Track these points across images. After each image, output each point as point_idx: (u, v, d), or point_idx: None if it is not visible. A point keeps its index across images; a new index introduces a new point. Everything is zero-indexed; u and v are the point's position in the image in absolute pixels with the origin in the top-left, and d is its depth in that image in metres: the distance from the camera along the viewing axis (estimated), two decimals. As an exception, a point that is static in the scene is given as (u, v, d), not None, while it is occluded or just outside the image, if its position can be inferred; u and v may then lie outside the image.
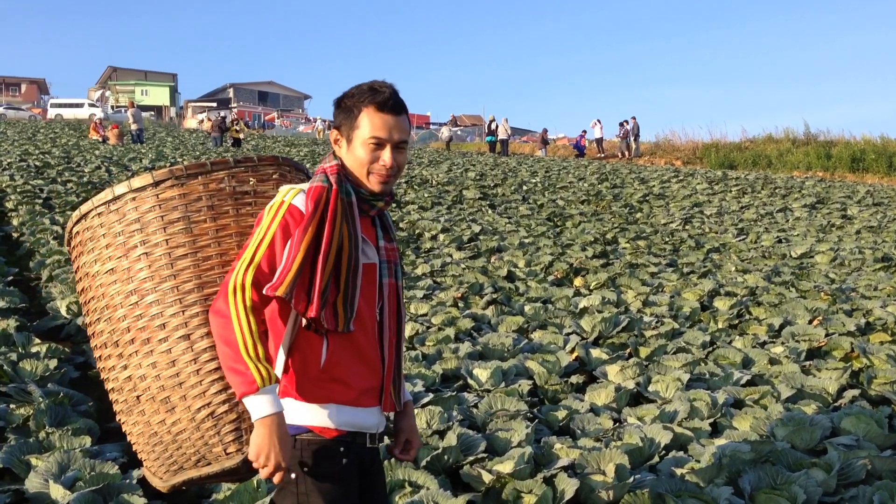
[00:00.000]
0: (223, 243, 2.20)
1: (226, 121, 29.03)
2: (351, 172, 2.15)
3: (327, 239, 2.03)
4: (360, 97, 2.12)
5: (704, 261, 10.87)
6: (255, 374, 1.93)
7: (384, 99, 2.11)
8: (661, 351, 6.09)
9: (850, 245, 12.20)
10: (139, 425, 2.23)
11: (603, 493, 3.70)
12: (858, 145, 29.23)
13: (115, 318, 2.21)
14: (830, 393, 5.13)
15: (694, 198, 17.70)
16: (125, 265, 2.19)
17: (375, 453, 2.24)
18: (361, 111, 2.12)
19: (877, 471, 3.95)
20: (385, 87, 2.13)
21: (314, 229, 2.03)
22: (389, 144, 2.12)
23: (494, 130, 33.18)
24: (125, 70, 71.83)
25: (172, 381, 2.13)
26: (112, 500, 3.42)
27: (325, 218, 2.05)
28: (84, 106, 48.75)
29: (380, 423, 2.20)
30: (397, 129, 2.13)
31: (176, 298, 2.14)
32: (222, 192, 2.22)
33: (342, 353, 2.09)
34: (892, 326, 6.94)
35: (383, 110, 2.11)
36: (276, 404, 1.96)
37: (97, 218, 2.24)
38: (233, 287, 2.00)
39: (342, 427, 2.09)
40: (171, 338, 2.14)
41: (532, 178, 19.63)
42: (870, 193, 19.51)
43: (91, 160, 17.29)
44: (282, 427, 1.96)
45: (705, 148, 31.91)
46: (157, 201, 2.19)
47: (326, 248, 2.03)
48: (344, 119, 2.15)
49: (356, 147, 2.13)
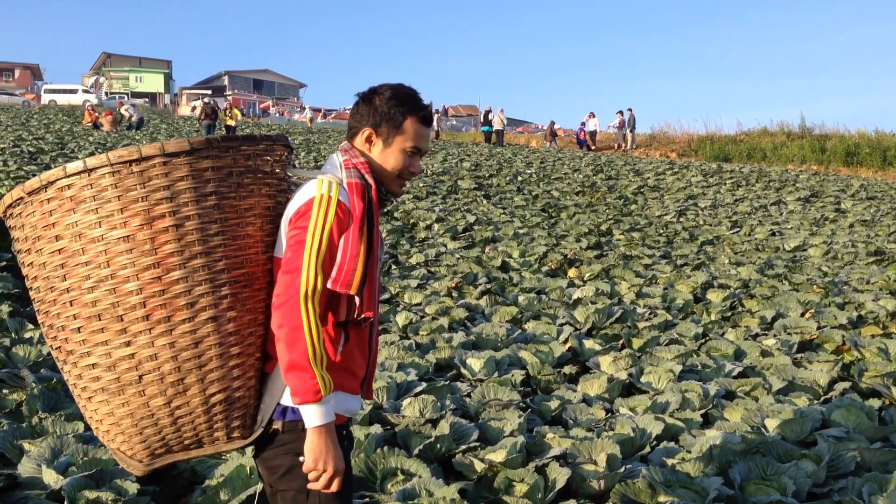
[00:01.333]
0: (250, 224, 2.12)
1: (216, 107, 28.78)
2: (376, 171, 2.20)
3: (377, 238, 2.13)
4: (406, 106, 2.19)
5: (698, 253, 10.90)
6: (320, 384, 1.98)
7: (429, 114, 2.24)
8: (654, 342, 6.11)
9: (843, 238, 12.24)
10: (129, 406, 2.08)
11: (594, 483, 3.73)
12: (853, 139, 29.30)
13: (124, 290, 2.01)
14: (821, 385, 5.17)
15: (688, 190, 17.73)
16: (145, 235, 1.99)
17: None
18: (407, 118, 2.20)
19: (866, 462, 3.98)
20: (423, 99, 2.25)
21: (368, 225, 2.09)
22: (420, 154, 2.25)
23: (490, 121, 33.13)
24: (119, 56, 71.45)
25: (192, 363, 2.04)
26: (105, 485, 3.43)
27: (373, 216, 2.12)
28: (78, 92, 48.47)
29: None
30: (428, 141, 2.29)
31: (207, 278, 2.03)
32: (249, 169, 2.14)
33: (353, 343, 2.16)
34: (884, 320, 6.97)
35: (424, 122, 2.23)
36: (332, 413, 2.04)
37: (109, 177, 1.99)
38: (304, 293, 1.99)
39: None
40: (197, 318, 2.02)
41: (527, 169, 19.62)
42: (864, 187, 19.56)
43: (85, 146, 17.22)
44: (334, 434, 2.04)
45: (700, 140, 31.94)
46: (190, 170, 2.02)
47: (376, 248, 2.13)
48: (384, 122, 2.19)
49: (394, 151, 2.21)
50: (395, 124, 2.19)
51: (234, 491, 3.50)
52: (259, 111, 55.71)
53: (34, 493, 3.45)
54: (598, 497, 3.70)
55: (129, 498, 3.33)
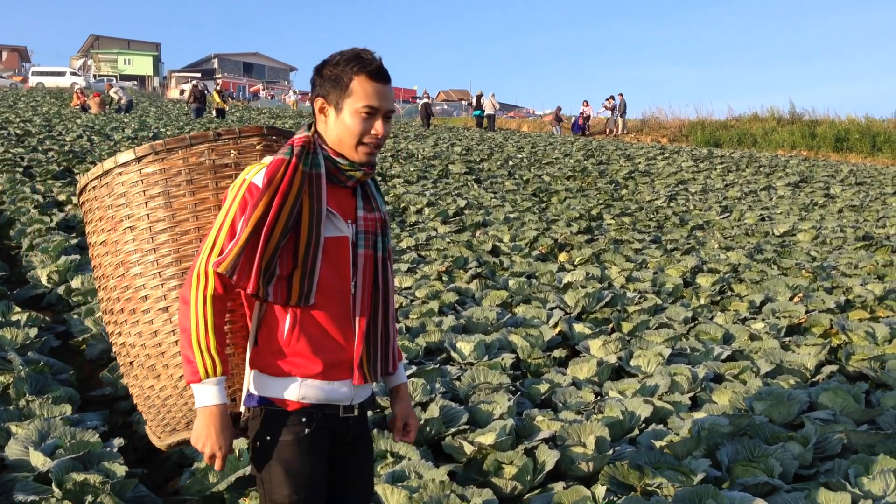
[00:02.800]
0: (201, 217, 2.24)
1: (206, 90, 28.54)
2: (334, 142, 2.09)
3: (273, 213, 2.00)
4: (348, 65, 2.06)
5: (688, 238, 10.92)
6: (199, 365, 1.99)
7: (376, 68, 2.06)
8: (644, 326, 6.13)
9: (832, 223, 12.28)
10: (135, 388, 2.36)
11: (583, 465, 3.74)
12: (843, 125, 29.37)
13: (108, 287, 2.32)
14: (809, 368, 5.19)
15: (679, 175, 17.74)
16: (114, 238, 2.28)
17: (355, 423, 2.21)
18: (352, 79, 2.06)
19: (853, 445, 4.01)
20: (372, 54, 2.09)
21: (265, 204, 2.00)
22: (381, 113, 2.08)
23: (482, 105, 33.02)
24: (108, 39, 70.84)
25: (155, 350, 2.25)
26: (93, 468, 3.42)
27: (277, 192, 2.01)
28: (66, 74, 48.07)
29: (354, 394, 2.17)
30: (387, 98, 2.09)
31: (156, 272, 2.24)
32: (202, 166, 2.24)
33: (307, 326, 2.08)
34: (872, 304, 7.01)
35: (375, 79, 2.06)
36: (217, 396, 2.01)
37: (92, 191, 2.33)
38: (196, 274, 2.03)
39: (305, 400, 2.09)
40: (152, 309, 2.24)
41: (518, 154, 19.59)
42: (853, 173, 19.63)
43: (73, 129, 17.09)
44: (220, 418, 2.01)
45: (691, 126, 31.96)
46: (139, 176, 2.24)
47: (271, 223, 2.00)
48: (332, 88, 2.07)
49: (346, 116, 2.07)
50: (342, 87, 2.06)
51: (223, 473, 3.49)
52: (249, 94, 55.36)
53: (21, 476, 3.44)
54: (586, 479, 3.71)
55: (117, 480, 3.32)
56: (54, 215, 8.49)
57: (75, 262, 6.57)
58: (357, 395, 2.20)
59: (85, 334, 5.36)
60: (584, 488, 3.43)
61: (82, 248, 7.43)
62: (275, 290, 2.03)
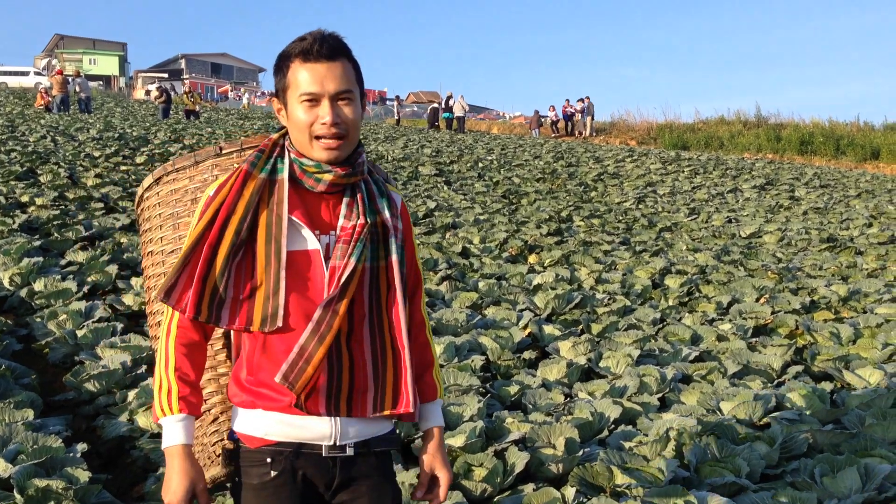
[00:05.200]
0: None
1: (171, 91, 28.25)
2: (296, 142, 1.85)
3: (216, 227, 1.78)
4: (286, 53, 1.82)
5: (657, 239, 11.01)
6: (155, 402, 1.82)
7: (307, 46, 1.78)
8: (613, 327, 6.16)
9: (797, 225, 12.46)
10: None
11: (553, 466, 3.74)
12: (807, 128, 29.89)
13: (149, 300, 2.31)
14: (775, 369, 5.25)
15: (647, 177, 17.89)
16: (142, 252, 2.33)
17: (352, 464, 1.87)
18: (289, 67, 1.81)
19: (818, 444, 4.06)
20: (312, 33, 1.81)
21: (208, 218, 1.80)
22: (326, 97, 1.79)
23: (451, 107, 33.03)
24: (73, 38, 69.73)
25: None
26: (55, 474, 3.35)
27: (223, 204, 1.80)
28: (30, 74, 47.25)
29: (340, 431, 1.84)
30: (331, 79, 1.78)
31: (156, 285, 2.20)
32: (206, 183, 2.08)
33: (273, 352, 1.81)
34: (836, 305, 7.12)
35: (309, 59, 1.78)
36: (176, 436, 1.79)
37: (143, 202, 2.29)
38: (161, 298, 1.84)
39: (271, 437, 1.83)
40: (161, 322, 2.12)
41: (488, 156, 19.62)
42: (817, 175, 19.94)
43: (36, 129, 16.80)
44: (179, 460, 1.78)
45: (659, 128, 32.32)
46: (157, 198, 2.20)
47: (214, 239, 1.78)
48: (279, 83, 1.85)
49: (293, 111, 1.82)
50: (284, 80, 1.83)
51: (190, 478, 3.44)
52: (217, 95, 54.87)
53: (-19, 483, 3.36)
54: (556, 480, 3.71)
55: (80, 486, 3.25)
56: (17, 217, 8.33)
57: (38, 264, 6.45)
58: (348, 432, 1.85)
59: (48, 338, 5.26)
60: (553, 490, 3.44)
61: (45, 251, 7.30)
62: (231, 314, 1.79)
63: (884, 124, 29.96)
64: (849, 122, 30.52)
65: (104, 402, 4.42)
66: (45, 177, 10.81)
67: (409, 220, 2.00)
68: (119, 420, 4.13)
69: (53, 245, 7.47)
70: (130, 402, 4.27)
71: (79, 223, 8.29)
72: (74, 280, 6.21)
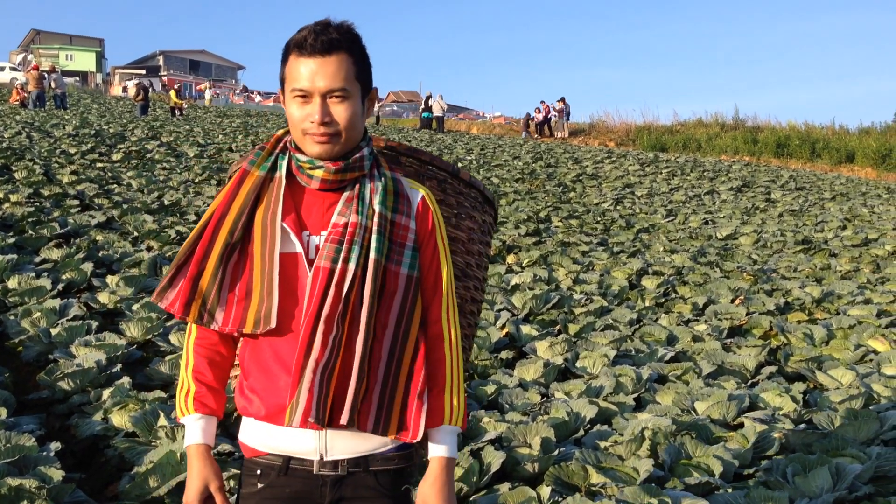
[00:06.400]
0: None
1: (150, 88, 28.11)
2: (294, 138, 1.79)
3: (211, 227, 1.76)
4: (287, 42, 1.75)
5: (634, 240, 11.08)
6: (177, 400, 1.82)
7: (302, 39, 1.70)
8: (590, 328, 6.19)
9: (772, 228, 12.59)
10: None
11: (528, 466, 3.76)
12: (784, 131, 30.20)
13: None
14: (749, 369, 5.31)
15: (626, 179, 17.99)
16: None
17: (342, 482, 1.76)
18: (287, 60, 1.74)
19: (790, 444, 4.11)
20: (315, 23, 1.72)
21: (205, 217, 1.79)
22: (317, 94, 1.71)
23: (430, 107, 32.99)
24: (49, 33, 68.97)
25: None
26: (28, 473, 3.32)
27: (220, 203, 1.78)
28: (5, 69, 46.71)
29: (329, 445, 1.74)
30: (323, 76, 1.69)
31: None
32: None
33: (261, 358, 1.76)
34: (810, 306, 7.20)
35: (303, 53, 1.70)
36: (190, 436, 1.79)
37: None
38: None
39: (259, 447, 1.79)
40: None
41: (467, 156, 19.65)
42: (793, 178, 20.15)
43: (11, 125, 16.60)
44: (195, 460, 1.78)
45: (638, 130, 32.50)
46: None
47: (208, 239, 1.76)
48: (280, 74, 1.78)
49: (288, 105, 1.75)
50: (282, 72, 1.77)
51: (164, 477, 3.43)
52: (196, 93, 54.49)
53: (-48, 482, 3.32)
54: (532, 479, 3.73)
55: (53, 485, 3.22)
56: (-10, 213, 8.24)
57: (12, 261, 6.38)
58: (336, 447, 1.75)
59: (22, 336, 5.20)
60: (529, 489, 3.45)
61: (19, 248, 7.22)
62: (225, 316, 1.75)
63: (859, 128, 30.43)
64: (824, 125, 30.93)
65: (78, 400, 4.38)
66: (19, 173, 10.69)
67: (434, 220, 1.84)
68: (93, 419, 4.10)
69: (28, 242, 7.39)
70: (105, 400, 4.24)
71: (54, 220, 8.21)
72: (49, 278, 6.15)
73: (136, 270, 6.68)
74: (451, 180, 2.05)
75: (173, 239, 7.98)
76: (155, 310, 5.46)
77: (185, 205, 10.08)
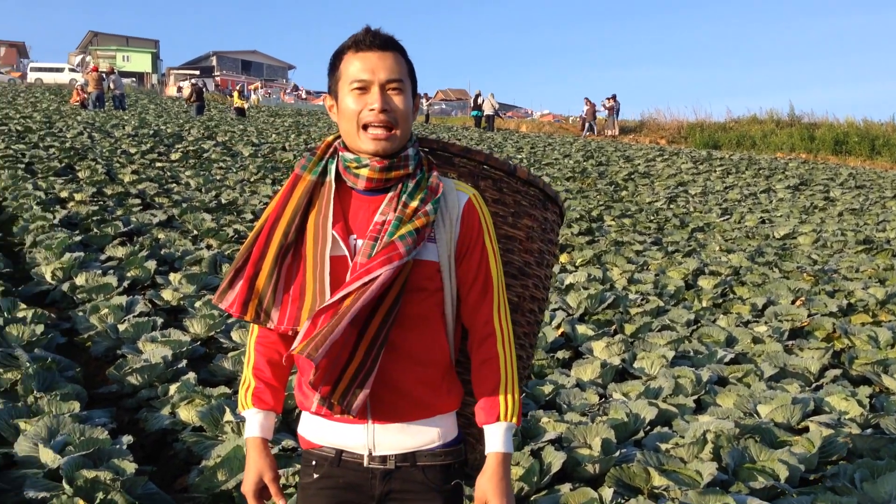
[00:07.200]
0: None
1: (205, 88, 28.64)
2: (345, 137, 1.83)
3: (266, 231, 1.82)
4: (339, 48, 1.84)
5: (689, 240, 10.94)
6: (239, 397, 1.93)
7: (360, 37, 1.79)
8: (647, 328, 6.14)
9: (832, 227, 12.31)
10: None
11: (589, 467, 3.75)
12: (842, 128, 29.46)
13: None
14: (812, 372, 5.21)
15: (679, 177, 17.77)
16: None
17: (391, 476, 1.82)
18: (342, 60, 1.81)
19: (857, 449, 4.03)
20: (365, 28, 1.82)
21: (262, 220, 1.86)
22: (376, 84, 1.77)
23: (480, 105, 32.95)
24: (106, 35, 70.64)
25: None
26: (102, 465, 3.42)
27: (274, 207, 1.84)
28: (65, 70, 48.00)
29: (374, 440, 1.81)
30: (383, 68, 1.78)
31: None
32: None
33: None
34: (874, 308, 7.03)
35: (361, 49, 1.79)
36: (248, 429, 1.88)
37: None
38: None
39: (315, 440, 1.88)
40: None
41: (518, 154, 19.61)
42: (852, 176, 19.68)
43: (73, 125, 17.07)
44: (252, 452, 1.88)
45: (690, 127, 32.03)
46: None
47: (263, 242, 1.82)
48: (331, 79, 1.85)
49: (344, 101, 1.80)
50: (335, 73, 1.83)
51: (232, 471, 3.51)
52: (247, 92, 55.29)
53: (31, 472, 3.44)
54: (593, 481, 3.72)
55: (126, 477, 3.32)
56: (57, 212, 8.48)
57: (79, 259, 6.58)
58: (384, 442, 1.82)
59: (90, 331, 5.36)
60: (590, 490, 3.44)
61: (85, 245, 7.43)
62: (280, 315, 1.80)
63: (921, 124, 29.50)
64: (884, 121, 30.05)
65: (146, 395, 4.50)
66: (83, 172, 11.00)
67: (481, 222, 1.86)
68: (161, 413, 4.20)
69: (93, 240, 7.61)
70: (172, 395, 4.35)
71: (117, 219, 8.43)
72: (115, 275, 6.33)
73: (196, 268, 6.83)
74: (507, 179, 2.05)
75: (231, 237, 8.13)
76: (217, 307, 5.57)
77: (242, 203, 10.26)
